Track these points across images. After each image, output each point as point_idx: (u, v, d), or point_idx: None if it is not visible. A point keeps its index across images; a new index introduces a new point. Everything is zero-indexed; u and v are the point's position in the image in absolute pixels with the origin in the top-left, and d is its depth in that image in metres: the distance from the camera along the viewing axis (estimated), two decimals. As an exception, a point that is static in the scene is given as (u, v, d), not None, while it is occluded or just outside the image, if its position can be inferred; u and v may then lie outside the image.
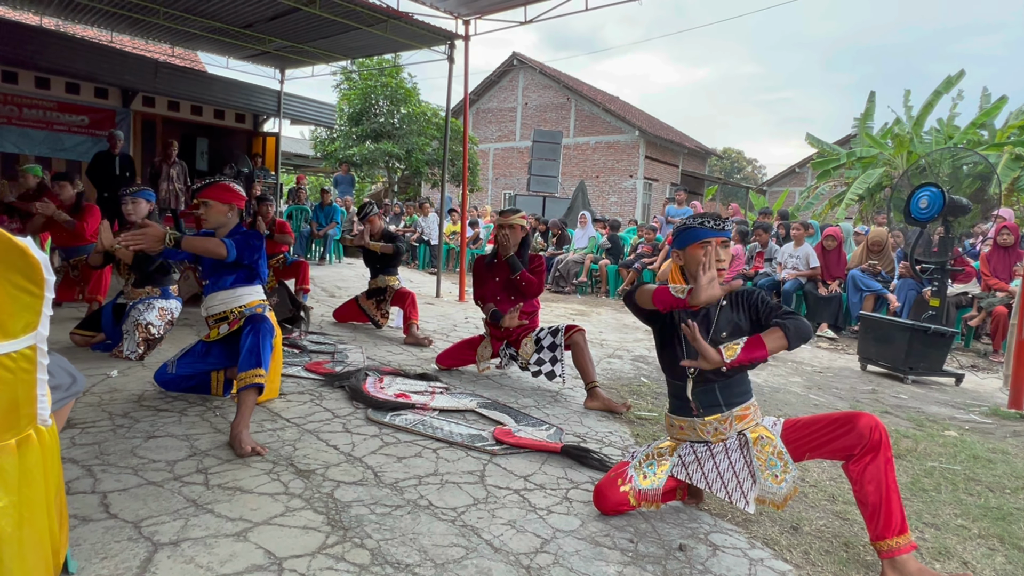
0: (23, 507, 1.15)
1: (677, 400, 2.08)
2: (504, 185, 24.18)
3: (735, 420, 1.98)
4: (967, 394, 4.31)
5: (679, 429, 2.08)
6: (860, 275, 6.31)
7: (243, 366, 2.50)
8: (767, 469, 1.90)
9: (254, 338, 2.56)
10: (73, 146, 9.06)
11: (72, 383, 1.48)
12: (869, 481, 1.75)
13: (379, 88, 16.88)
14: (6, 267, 1.07)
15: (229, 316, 2.81)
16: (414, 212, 12.23)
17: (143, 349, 3.61)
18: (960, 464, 2.75)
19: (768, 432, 1.95)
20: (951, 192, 4.79)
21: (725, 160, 41.34)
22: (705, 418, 2.00)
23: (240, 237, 2.75)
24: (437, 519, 1.95)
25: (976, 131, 12.17)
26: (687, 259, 2.02)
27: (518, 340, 3.59)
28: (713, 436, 2.01)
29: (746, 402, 2.00)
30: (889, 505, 1.72)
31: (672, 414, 2.11)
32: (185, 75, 9.92)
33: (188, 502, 1.94)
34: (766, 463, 1.90)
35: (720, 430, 1.99)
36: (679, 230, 2.05)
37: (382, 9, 6.72)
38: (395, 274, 5.07)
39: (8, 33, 7.77)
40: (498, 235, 3.60)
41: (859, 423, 1.78)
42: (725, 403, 1.99)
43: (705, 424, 2.01)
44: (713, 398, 2.00)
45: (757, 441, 1.93)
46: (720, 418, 1.99)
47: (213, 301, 2.83)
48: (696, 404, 2.01)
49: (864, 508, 1.77)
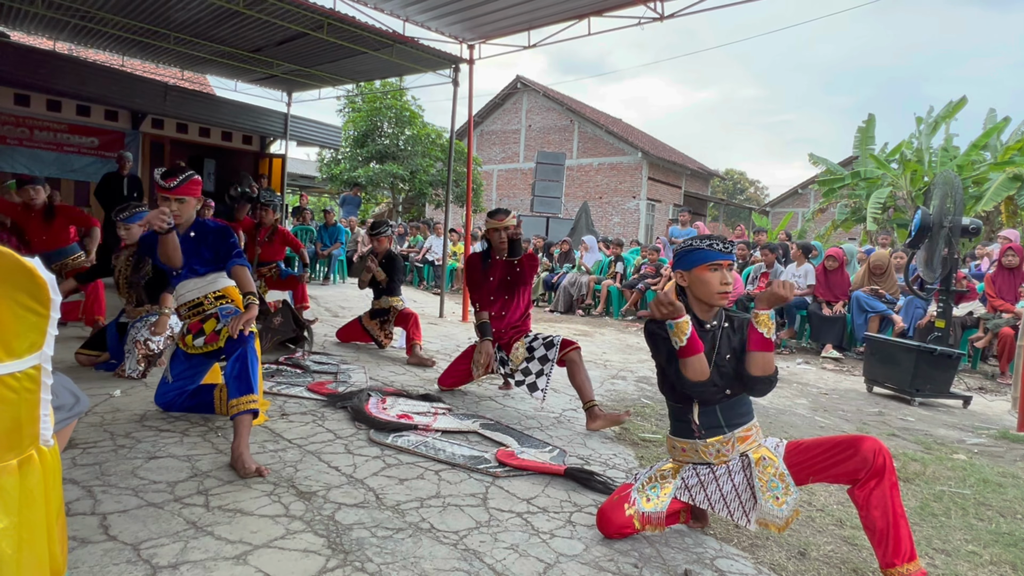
0: (23, 529, 1.14)
1: (679, 422, 2.07)
2: (508, 206, 24.29)
3: (737, 442, 1.97)
4: (975, 416, 4.26)
5: (681, 451, 2.07)
6: (864, 296, 6.29)
7: (234, 393, 2.48)
8: (768, 491, 1.88)
9: (242, 365, 2.52)
10: (82, 167, 9.17)
11: (75, 403, 1.48)
12: (875, 507, 1.72)
13: (384, 110, 17.10)
14: (13, 287, 1.08)
15: (204, 303, 2.78)
16: (418, 233, 12.30)
17: (144, 366, 3.60)
18: (970, 488, 2.71)
19: (770, 453, 1.93)
20: (954, 214, 4.80)
21: (727, 181, 41.53)
22: (707, 440, 1.99)
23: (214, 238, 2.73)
24: (439, 542, 1.92)
25: (979, 152, 12.23)
26: (692, 280, 2.01)
27: (509, 344, 3.58)
28: (716, 458, 1.99)
29: (748, 423, 1.99)
30: (897, 531, 1.70)
31: (674, 436, 2.10)
32: (194, 98, 10.08)
33: (188, 524, 1.92)
34: (767, 484, 1.88)
35: (723, 452, 1.98)
36: (685, 251, 2.05)
37: (388, 34, 6.84)
38: (399, 294, 5.08)
39: (23, 58, 7.94)
40: (493, 238, 3.60)
41: (863, 447, 1.76)
42: (727, 424, 1.98)
43: (707, 446, 1.99)
44: (714, 419, 1.98)
45: (759, 462, 1.92)
46: (722, 440, 1.97)
47: (186, 288, 2.79)
48: (699, 427, 2.00)
49: (871, 534, 1.75)
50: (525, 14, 6.43)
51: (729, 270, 1.99)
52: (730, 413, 1.98)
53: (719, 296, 1.97)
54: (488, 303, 3.63)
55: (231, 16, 6.96)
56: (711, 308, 2.02)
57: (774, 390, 4.57)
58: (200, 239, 2.77)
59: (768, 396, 4.40)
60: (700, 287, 1.98)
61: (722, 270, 1.97)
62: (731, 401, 1.98)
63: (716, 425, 1.98)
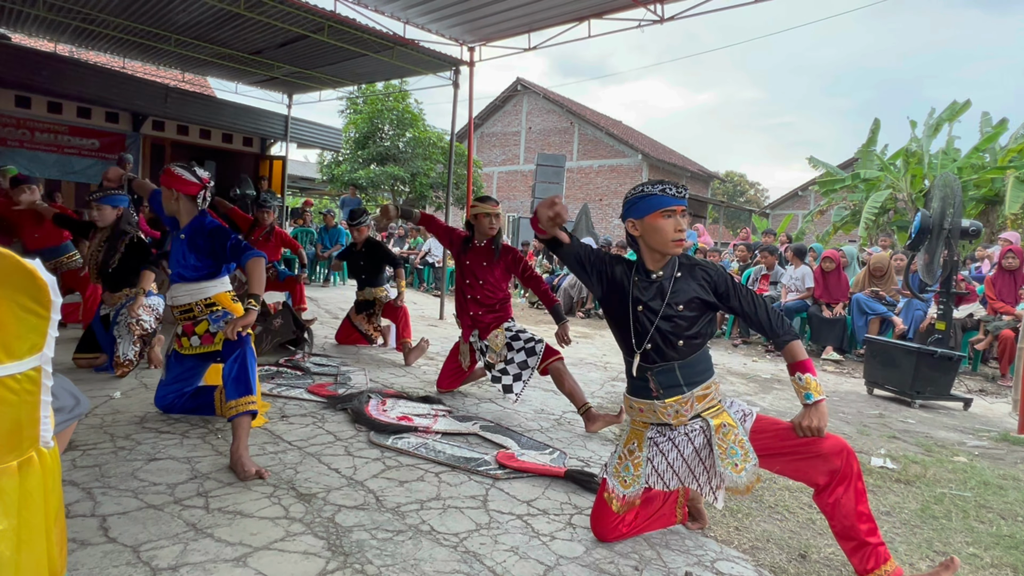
0: (22, 530, 1.14)
1: (636, 380, 2.00)
2: (508, 208, 24.31)
3: (696, 400, 1.92)
4: (976, 419, 4.25)
5: (639, 411, 2.02)
6: (864, 298, 6.29)
7: (231, 395, 2.47)
8: (727, 457, 1.86)
9: (240, 366, 2.51)
10: (83, 169, 9.18)
11: (75, 405, 1.48)
12: (845, 515, 1.71)
13: (385, 112, 17.13)
14: (14, 289, 1.08)
15: (194, 309, 2.74)
16: (418, 235, 12.30)
17: (140, 346, 3.56)
18: (971, 491, 2.71)
19: (731, 419, 1.90)
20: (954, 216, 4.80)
21: (728, 184, 41.55)
22: (665, 400, 1.93)
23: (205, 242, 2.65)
24: (439, 545, 1.92)
25: (979, 155, 12.24)
26: (645, 229, 1.92)
27: (488, 329, 3.60)
28: (674, 419, 1.94)
29: (707, 380, 1.94)
30: (872, 536, 1.69)
31: (631, 395, 2.04)
32: (195, 100, 10.10)
33: (188, 526, 1.92)
34: (726, 451, 1.86)
35: (681, 412, 1.93)
36: (637, 197, 1.94)
37: (389, 36, 6.85)
38: (383, 285, 5.07)
39: (23, 59, 7.95)
40: (483, 223, 3.60)
41: (824, 446, 1.74)
42: (686, 383, 1.92)
43: (665, 407, 1.93)
44: (673, 378, 1.92)
45: (719, 428, 1.89)
46: (681, 399, 1.92)
47: (178, 292, 2.75)
48: (656, 385, 1.94)
49: (844, 542, 1.74)
50: (525, 16, 6.44)
51: (683, 216, 1.91)
52: (689, 371, 1.92)
53: (674, 244, 1.89)
54: (464, 285, 3.68)
55: (232, 18, 6.98)
56: (664, 257, 1.94)
57: (774, 392, 4.58)
58: (191, 243, 2.68)
59: (768, 398, 4.41)
60: (653, 235, 1.90)
61: (675, 216, 1.88)
62: (690, 359, 1.92)
63: (674, 384, 1.92)
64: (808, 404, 1.78)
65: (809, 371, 1.80)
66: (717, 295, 1.92)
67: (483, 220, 3.61)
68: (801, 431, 1.77)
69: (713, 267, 1.96)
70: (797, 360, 1.83)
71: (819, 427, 1.75)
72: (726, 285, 1.92)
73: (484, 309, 3.63)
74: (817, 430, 1.75)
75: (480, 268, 3.61)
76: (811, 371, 1.80)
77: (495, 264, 3.59)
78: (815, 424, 1.75)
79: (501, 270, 3.61)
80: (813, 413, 1.76)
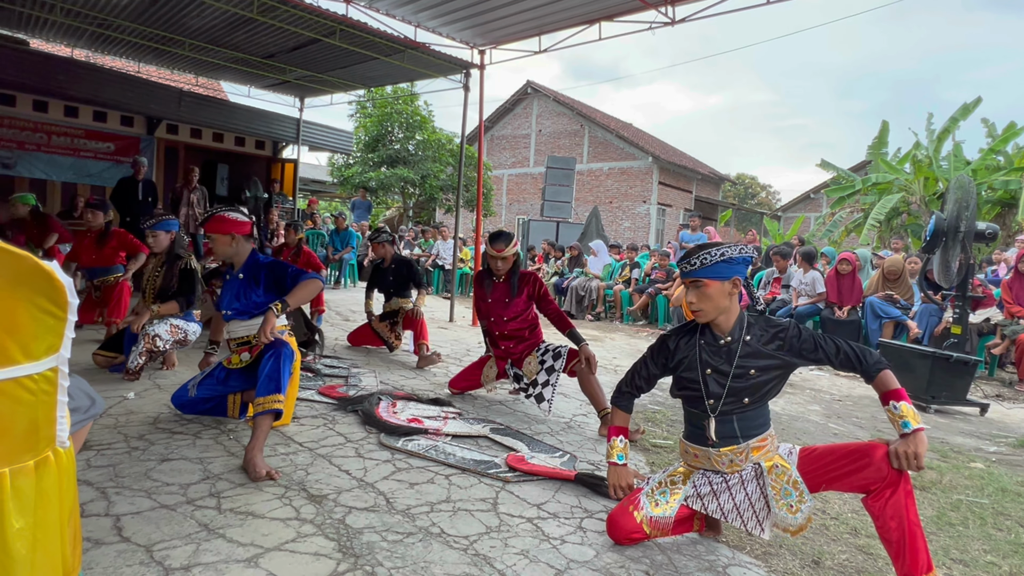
0: (38, 529, 1.15)
1: (693, 427, 2.03)
2: (518, 211, 24.34)
3: (751, 452, 1.93)
4: (992, 424, 4.19)
5: (693, 457, 2.03)
6: (878, 302, 6.22)
7: (261, 391, 2.48)
8: (782, 499, 1.84)
9: (275, 363, 2.53)
10: (98, 172, 9.30)
11: (91, 405, 1.50)
12: (891, 517, 1.69)
13: (395, 115, 17.20)
14: (32, 290, 1.10)
15: (251, 341, 2.79)
16: (429, 237, 12.34)
17: (144, 359, 3.62)
18: (988, 497, 2.66)
19: (783, 461, 1.90)
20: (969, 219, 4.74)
21: (739, 186, 41.32)
22: (721, 449, 1.94)
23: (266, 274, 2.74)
24: (449, 547, 1.92)
25: (993, 157, 12.09)
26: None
27: (521, 359, 3.60)
28: (728, 467, 1.95)
29: (763, 433, 1.95)
30: (914, 542, 1.66)
31: (687, 440, 2.06)
32: (208, 103, 10.20)
33: (200, 526, 1.93)
34: (781, 492, 1.85)
35: (736, 462, 1.94)
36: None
37: (400, 40, 6.88)
38: (408, 297, 5.11)
39: (41, 64, 8.07)
40: (491, 265, 3.60)
41: (876, 455, 1.72)
42: (742, 435, 1.93)
43: (720, 455, 1.95)
44: (730, 429, 1.93)
45: (772, 470, 1.88)
46: (736, 450, 1.93)
47: (237, 327, 2.82)
48: (713, 435, 1.95)
49: (889, 546, 1.71)
50: (536, 19, 6.45)
51: (694, 288, 1.91)
52: (747, 424, 1.93)
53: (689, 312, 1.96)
54: (491, 323, 3.67)
55: (245, 23, 7.04)
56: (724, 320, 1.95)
57: (786, 396, 4.54)
58: (251, 280, 2.76)
59: (780, 402, 4.37)
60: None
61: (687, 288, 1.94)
62: (749, 412, 1.93)
63: (731, 435, 1.93)
64: (906, 433, 1.70)
65: (904, 399, 1.75)
66: (794, 353, 1.90)
67: (490, 262, 3.61)
68: (897, 460, 1.69)
69: (778, 327, 1.93)
70: (889, 389, 1.77)
71: (917, 454, 1.66)
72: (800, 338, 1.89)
73: (515, 341, 3.62)
74: (915, 457, 1.66)
75: (502, 305, 3.59)
76: (905, 399, 1.75)
77: (517, 297, 3.58)
78: (912, 451, 1.66)
79: (523, 299, 3.60)
80: (911, 441, 1.68)
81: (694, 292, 1.91)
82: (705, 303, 1.91)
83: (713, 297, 1.89)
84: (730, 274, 1.88)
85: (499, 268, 3.57)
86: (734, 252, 1.88)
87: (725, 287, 1.89)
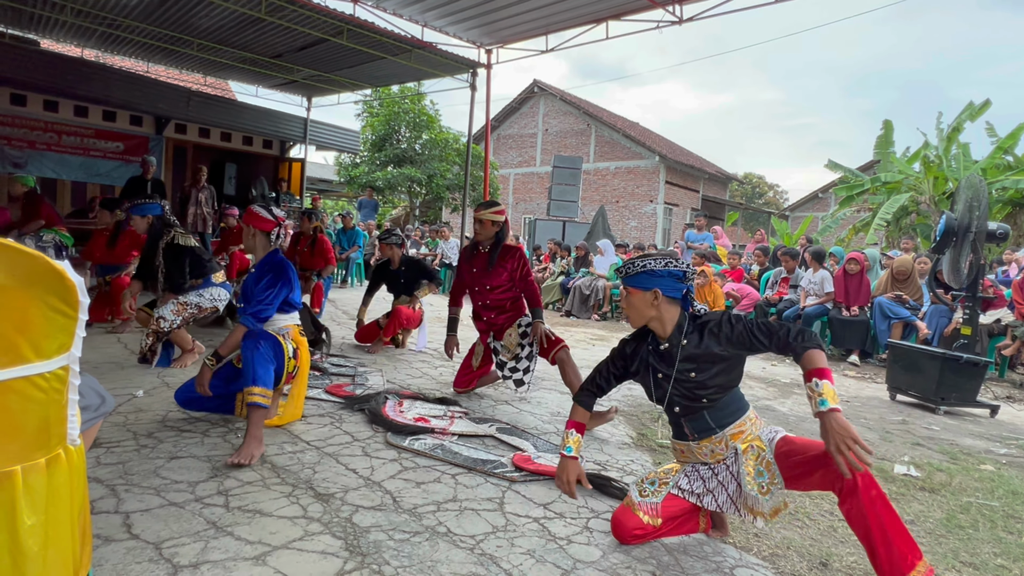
0: (49, 526, 1.16)
1: (674, 425, 2.10)
2: (524, 210, 24.33)
3: (731, 439, 1.96)
4: (1003, 426, 4.15)
5: (680, 452, 2.10)
6: (887, 302, 6.18)
7: (241, 386, 2.60)
8: (754, 479, 1.85)
9: (247, 356, 2.59)
10: (108, 171, 9.38)
11: (101, 403, 1.51)
12: (856, 522, 1.65)
13: (402, 115, 17.24)
14: (43, 289, 1.11)
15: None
16: (436, 236, 12.35)
17: (151, 340, 3.80)
18: (998, 500, 2.64)
19: (760, 443, 1.90)
20: (980, 218, 4.70)
21: (746, 185, 41.14)
22: (700, 441, 1.99)
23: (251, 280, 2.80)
24: (455, 547, 1.92)
25: (1002, 156, 11.97)
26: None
27: (502, 330, 3.67)
28: (711, 457, 1.99)
29: (739, 419, 1.96)
30: (888, 545, 1.60)
31: (673, 438, 2.13)
32: (216, 103, 10.26)
33: (208, 524, 1.94)
34: (754, 472, 1.86)
35: (716, 451, 1.98)
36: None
37: (407, 40, 6.89)
38: (416, 295, 5.15)
39: (52, 65, 8.15)
40: (475, 232, 3.67)
41: (830, 462, 1.65)
42: (717, 425, 1.96)
43: (700, 447, 2.00)
44: (704, 423, 1.97)
45: (747, 451, 1.90)
46: (715, 440, 1.97)
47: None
48: (690, 430, 2.01)
49: (866, 550, 1.68)
50: (542, 19, 6.45)
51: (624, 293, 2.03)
52: (719, 415, 1.96)
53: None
54: (474, 293, 3.74)
55: (253, 23, 7.08)
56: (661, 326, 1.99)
57: (795, 398, 4.52)
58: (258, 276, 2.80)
59: (788, 404, 4.35)
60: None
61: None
62: (716, 403, 1.95)
63: (707, 428, 1.97)
64: (822, 412, 1.63)
65: (827, 379, 1.68)
66: (732, 344, 1.89)
67: (475, 230, 3.67)
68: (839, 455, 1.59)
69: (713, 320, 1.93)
70: (815, 367, 1.71)
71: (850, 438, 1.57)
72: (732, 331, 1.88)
73: (496, 312, 3.70)
74: (850, 442, 1.57)
75: (485, 275, 3.65)
76: (829, 379, 1.69)
77: (499, 267, 3.62)
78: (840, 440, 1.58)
79: (507, 272, 3.64)
80: (832, 429, 1.60)
81: (622, 298, 2.03)
82: (629, 310, 2.03)
83: (635, 305, 2.00)
84: (651, 285, 1.95)
85: (479, 234, 3.62)
86: (657, 265, 1.95)
87: (647, 297, 1.96)
